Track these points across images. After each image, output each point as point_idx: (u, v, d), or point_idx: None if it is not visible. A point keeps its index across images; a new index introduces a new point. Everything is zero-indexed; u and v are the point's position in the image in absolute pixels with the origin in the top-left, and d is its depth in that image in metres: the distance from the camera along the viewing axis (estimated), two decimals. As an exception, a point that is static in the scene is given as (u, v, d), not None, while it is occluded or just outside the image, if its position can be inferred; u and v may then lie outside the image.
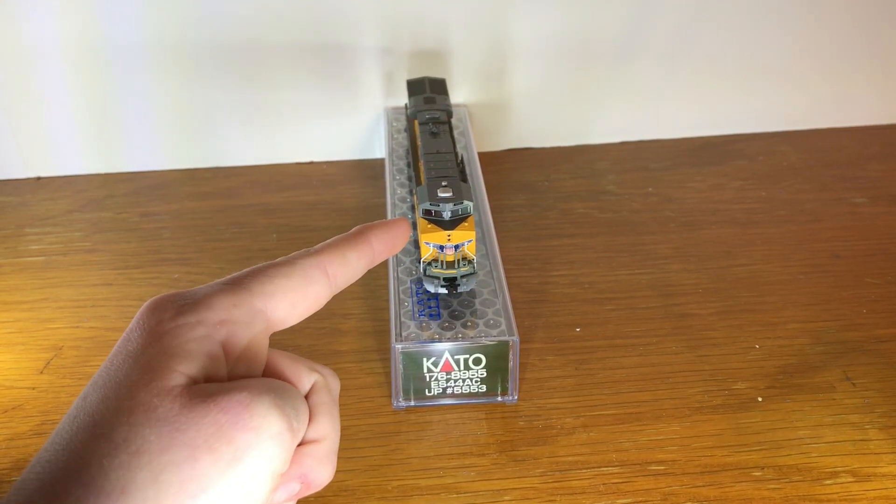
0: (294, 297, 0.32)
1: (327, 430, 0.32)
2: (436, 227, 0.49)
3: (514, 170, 0.72)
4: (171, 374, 0.27)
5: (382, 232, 0.35)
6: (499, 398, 0.49)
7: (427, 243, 0.49)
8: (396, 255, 0.54)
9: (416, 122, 0.60)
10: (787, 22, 0.72)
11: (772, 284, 0.58)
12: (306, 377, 0.32)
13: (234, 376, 0.30)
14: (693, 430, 0.48)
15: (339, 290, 0.35)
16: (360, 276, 0.35)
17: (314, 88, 0.71)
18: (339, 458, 0.46)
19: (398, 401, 0.49)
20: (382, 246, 0.35)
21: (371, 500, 0.44)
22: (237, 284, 0.31)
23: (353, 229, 0.34)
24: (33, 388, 0.51)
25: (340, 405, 0.51)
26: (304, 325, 0.57)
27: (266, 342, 0.31)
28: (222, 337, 0.30)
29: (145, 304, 0.31)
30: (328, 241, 0.33)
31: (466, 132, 0.68)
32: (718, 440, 0.47)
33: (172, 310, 0.29)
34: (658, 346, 0.53)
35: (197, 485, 0.26)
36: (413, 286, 0.52)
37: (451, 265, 0.50)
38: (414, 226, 0.57)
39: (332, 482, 0.45)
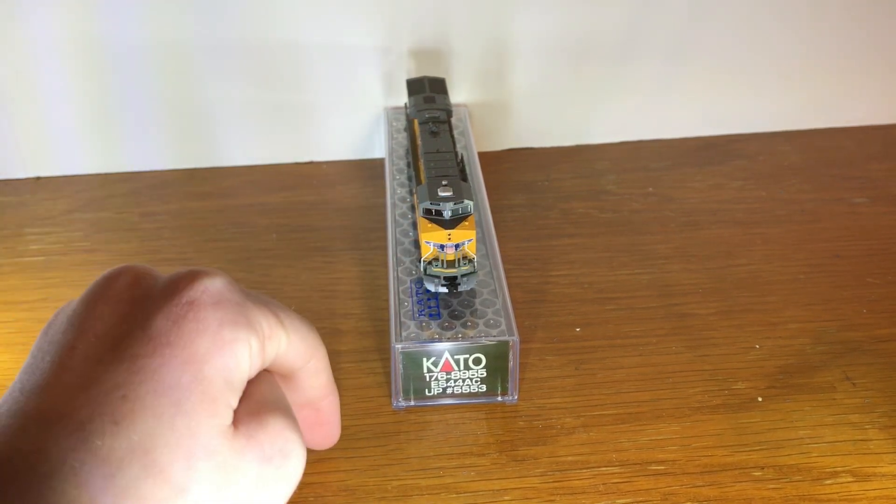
0: (297, 356, 0.33)
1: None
2: (436, 226, 0.49)
3: (514, 170, 0.72)
4: (227, 410, 0.27)
5: (335, 409, 0.38)
6: (499, 398, 0.49)
7: (427, 242, 0.49)
8: (396, 255, 0.54)
9: (416, 122, 0.60)
10: (788, 21, 0.72)
11: (772, 284, 0.58)
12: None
13: None
14: (693, 430, 0.48)
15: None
16: (307, 391, 0.36)
17: (314, 88, 0.71)
18: (338, 458, 0.47)
19: (398, 401, 0.49)
20: (327, 409, 0.38)
21: (371, 500, 0.44)
22: (274, 314, 0.31)
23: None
24: (33, 388, 0.51)
25: (340, 405, 0.51)
26: (304, 325, 0.57)
27: None
28: (255, 364, 0.29)
29: (193, 274, 0.29)
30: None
31: (466, 132, 0.68)
32: (718, 440, 0.47)
33: (233, 313, 0.28)
34: (658, 346, 0.53)
35: None
36: (413, 286, 0.52)
37: (451, 264, 0.50)
38: (414, 225, 0.57)
39: (331, 482, 0.45)
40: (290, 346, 0.31)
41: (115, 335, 0.27)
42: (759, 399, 0.50)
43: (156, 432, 0.25)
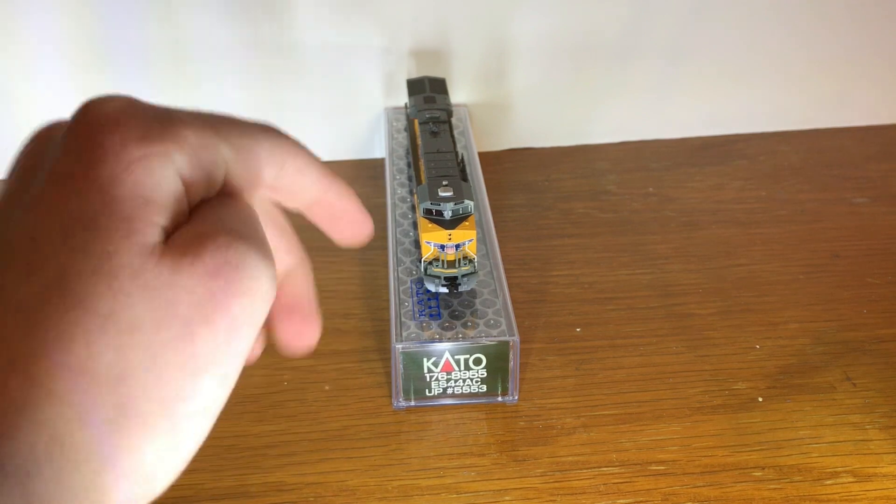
0: (254, 164, 0.28)
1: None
2: (436, 226, 0.49)
3: (514, 170, 0.72)
4: (150, 227, 0.24)
5: (348, 197, 0.32)
6: (499, 398, 0.49)
7: (428, 242, 0.49)
8: (396, 255, 0.54)
9: (417, 122, 0.60)
10: (788, 21, 0.72)
11: (772, 284, 0.58)
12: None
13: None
14: (693, 431, 0.48)
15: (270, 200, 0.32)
16: (297, 195, 0.31)
17: (314, 88, 0.70)
18: (339, 458, 0.47)
19: (398, 401, 0.49)
20: (337, 204, 0.32)
21: (371, 500, 0.44)
22: (206, 122, 0.27)
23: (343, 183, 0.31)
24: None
25: (341, 405, 0.51)
26: (305, 325, 0.57)
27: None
28: (189, 179, 0.26)
29: (89, 101, 0.26)
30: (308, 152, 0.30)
31: (466, 132, 0.68)
32: (719, 440, 0.47)
33: (138, 129, 0.25)
34: (658, 347, 0.53)
35: (197, 363, 0.23)
36: (413, 286, 0.52)
37: (451, 264, 0.50)
38: (414, 225, 0.57)
39: (332, 482, 0.45)
40: (240, 153, 0.28)
41: (19, 189, 0.25)
42: (760, 399, 0.50)
43: (70, 265, 0.23)
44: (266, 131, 0.30)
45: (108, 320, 0.22)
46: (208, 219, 0.25)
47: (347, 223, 0.34)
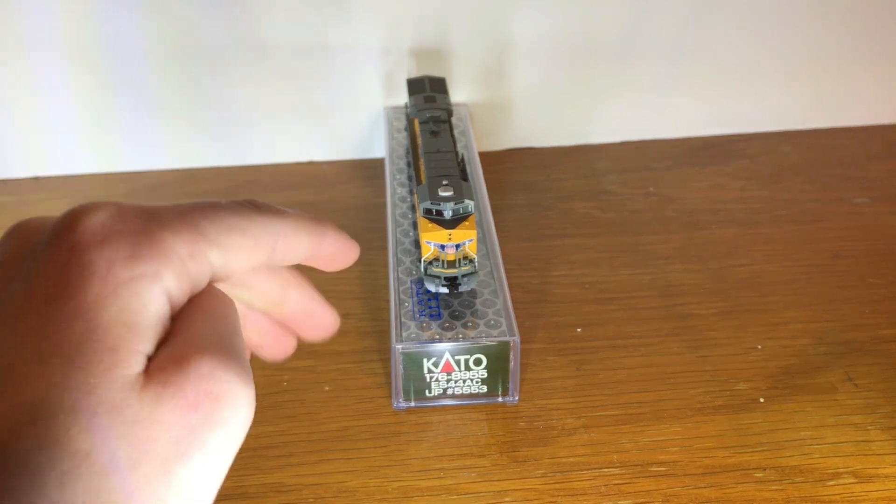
0: (244, 260, 0.27)
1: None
2: (437, 226, 0.49)
3: (515, 169, 0.72)
4: (133, 357, 0.23)
5: (338, 239, 0.32)
6: (499, 399, 0.49)
7: (428, 242, 0.49)
8: (397, 255, 0.54)
9: (417, 122, 0.60)
10: (789, 21, 0.71)
11: (773, 285, 0.58)
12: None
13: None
14: (694, 431, 0.47)
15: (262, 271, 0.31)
16: (291, 263, 0.31)
17: (314, 88, 0.70)
18: (338, 458, 0.46)
19: (398, 401, 0.49)
20: (329, 251, 0.32)
21: (371, 501, 0.44)
22: (194, 228, 0.26)
23: (312, 216, 0.31)
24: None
25: (340, 405, 0.51)
26: (304, 326, 0.57)
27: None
28: (175, 296, 0.25)
29: (74, 210, 0.25)
30: (286, 210, 0.30)
31: (467, 131, 0.68)
32: (720, 441, 0.47)
33: (125, 248, 0.24)
34: (659, 347, 0.53)
35: (171, 494, 0.22)
36: (413, 286, 0.52)
37: (452, 264, 0.49)
38: (414, 225, 0.57)
39: (331, 483, 0.44)
40: (228, 253, 0.26)
41: None
42: (761, 400, 0.49)
43: (48, 398, 0.22)
44: (251, 217, 0.29)
45: (84, 461, 0.21)
46: (189, 336, 0.25)
47: (340, 261, 0.34)
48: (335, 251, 0.32)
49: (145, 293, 0.24)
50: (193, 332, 0.25)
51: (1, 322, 0.23)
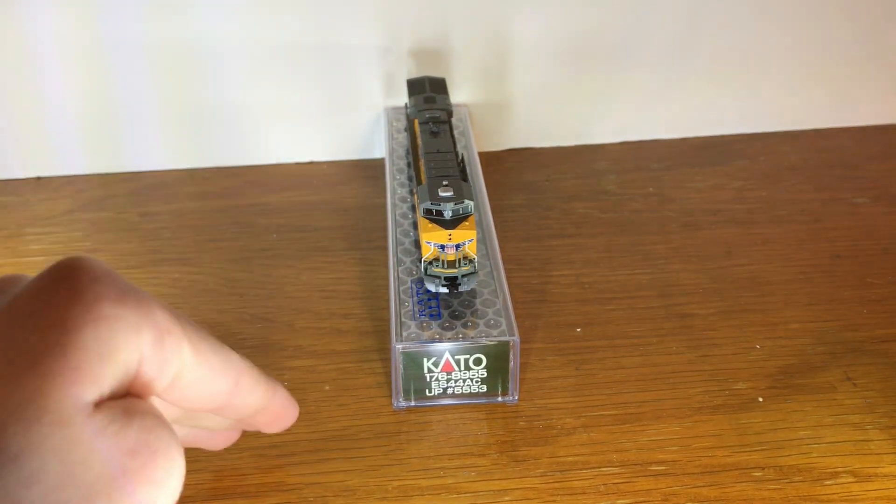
0: (209, 379, 0.28)
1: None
2: (437, 226, 0.49)
3: (515, 170, 0.72)
4: (96, 382, 0.23)
5: (287, 396, 0.36)
6: (499, 398, 0.49)
7: (428, 242, 0.49)
8: (397, 255, 0.54)
9: (417, 122, 0.60)
10: (788, 21, 0.72)
11: (773, 284, 0.58)
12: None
13: None
14: (694, 431, 0.47)
15: (212, 421, 0.34)
16: (237, 416, 0.33)
17: (314, 88, 0.70)
18: (339, 458, 0.47)
19: (398, 401, 0.49)
20: (279, 405, 0.35)
21: (371, 500, 0.44)
22: (176, 317, 0.27)
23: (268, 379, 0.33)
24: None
25: (340, 405, 0.51)
26: (305, 326, 0.57)
27: None
28: (146, 364, 0.25)
29: (75, 262, 0.25)
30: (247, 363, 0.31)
31: (467, 132, 0.68)
32: (719, 440, 0.47)
33: (116, 291, 0.24)
34: (659, 347, 0.53)
35: None
36: (413, 286, 0.52)
37: (452, 264, 0.50)
38: (414, 225, 0.57)
39: (332, 482, 0.45)
40: (197, 358, 0.27)
41: None
42: (760, 399, 0.49)
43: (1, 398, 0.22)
44: (224, 346, 0.30)
45: (11, 462, 0.21)
46: (143, 405, 0.25)
47: (284, 419, 0.38)
48: (283, 407, 0.35)
49: (121, 337, 0.24)
50: (148, 406, 0.25)
51: None
